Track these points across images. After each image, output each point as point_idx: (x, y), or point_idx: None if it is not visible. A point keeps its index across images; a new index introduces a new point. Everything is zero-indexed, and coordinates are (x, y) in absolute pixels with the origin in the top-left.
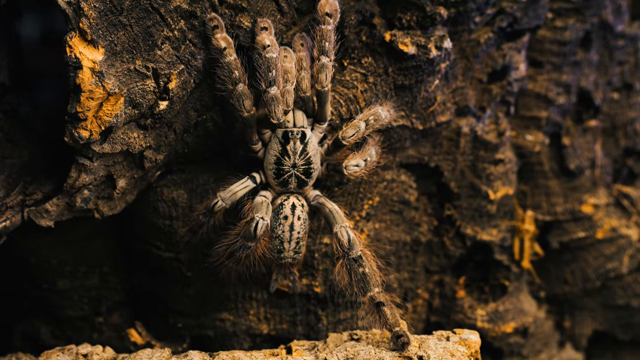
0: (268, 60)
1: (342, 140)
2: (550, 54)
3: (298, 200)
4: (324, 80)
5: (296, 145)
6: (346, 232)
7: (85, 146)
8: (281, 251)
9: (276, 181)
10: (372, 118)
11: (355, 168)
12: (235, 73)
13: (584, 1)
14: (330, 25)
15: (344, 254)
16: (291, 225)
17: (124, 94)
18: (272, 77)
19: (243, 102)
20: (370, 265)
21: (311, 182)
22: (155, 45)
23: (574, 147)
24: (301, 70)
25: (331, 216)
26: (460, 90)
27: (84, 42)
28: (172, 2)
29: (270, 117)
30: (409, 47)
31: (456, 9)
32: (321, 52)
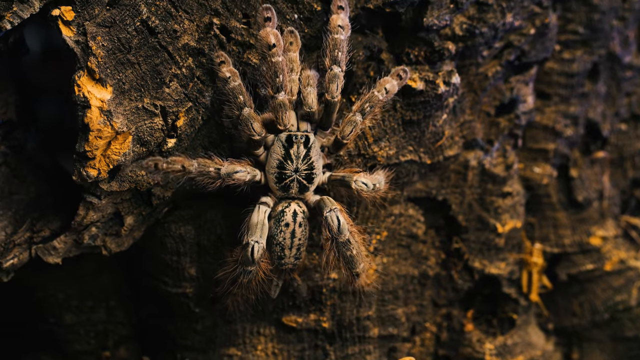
0: (275, 65)
1: (342, 140)
2: (558, 86)
3: (299, 207)
4: (335, 90)
5: (300, 149)
6: (336, 216)
7: (93, 184)
8: (282, 257)
9: (278, 185)
10: (367, 105)
11: (364, 186)
12: (240, 98)
13: (591, 33)
14: (342, 35)
15: (333, 238)
16: (292, 232)
17: (132, 132)
18: (279, 82)
19: (252, 125)
20: (358, 246)
21: (312, 187)
22: (164, 83)
23: (582, 179)
24: (308, 86)
25: (321, 202)
26: (468, 124)
27: (92, 80)
28: (180, 39)
29: (277, 124)
30: (417, 82)
31: (464, 43)
32: (333, 61)
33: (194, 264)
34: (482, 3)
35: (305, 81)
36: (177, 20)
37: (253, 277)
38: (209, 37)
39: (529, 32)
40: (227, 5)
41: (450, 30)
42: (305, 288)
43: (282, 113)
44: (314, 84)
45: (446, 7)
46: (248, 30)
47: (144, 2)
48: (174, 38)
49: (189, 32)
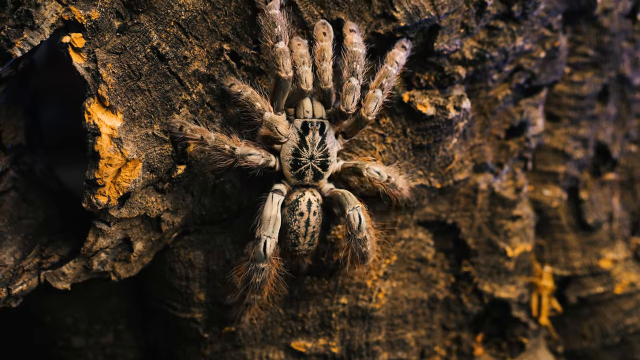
0: (272, 17)
1: (367, 117)
2: (568, 108)
3: (313, 196)
4: (350, 102)
5: (315, 136)
6: (358, 215)
7: (103, 211)
8: (296, 245)
9: (292, 173)
10: (385, 81)
11: (376, 175)
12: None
13: (601, 55)
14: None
15: (351, 235)
16: (307, 221)
17: (142, 159)
18: (278, 32)
19: (277, 128)
20: (372, 243)
21: (327, 175)
22: (174, 109)
23: (592, 201)
24: (323, 60)
25: (343, 198)
26: (478, 147)
27: (103, 108)
28: (191, 66)
29: (278, 71)
30: (428, 108)
31: (474, 67)
32: (351, 73)
33: (203, 289)
34: (492, 27)
35: (319, 55)
36: (188, 47)
37: (266, 276)
38: (219, 63)
39: (539, 55)
40: (237, 31)
41: (461, 54)
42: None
43: (282, 60)
44: (329, 57)
45: (456, 32)
46: (258, 55)
47: (154, 29)
48: (184, 64)
49: (199, 58)
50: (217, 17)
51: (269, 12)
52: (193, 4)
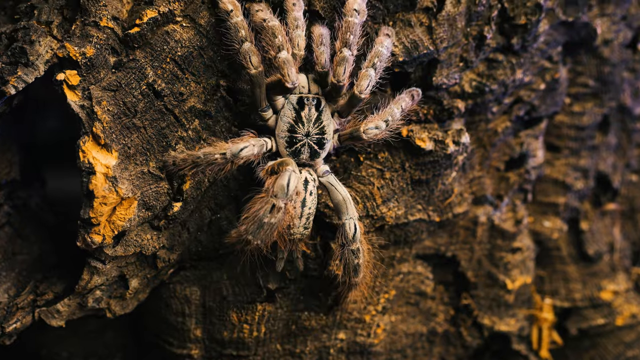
0: (272, 28)
1: (359, 94)
2: (568, 139)
3: (310, 175)
4: (341, 74)
5: (311, 112)
6: (354, 225)
7: (98, 249)
8: (290, 227)
9: (288, 150)
10: (377, 60)
11: (375, 131)
12: (242, 32)
13: (602, 85)
14: (356, 19)
15: (345, 244)
16: (303, 201)
17: (138, 197)
18: (279, 42)
19: (250, 58)
20: (364, 255)
21: (323, 154)
22: (170, 146)
23: (593, 232)
24: (321, 45)
25: (343, 205)
26: (478, 180)
27: (97, 146)
28: (187, 102)
29: (285, 81)
30: (427, 142)
31: (474, 100)
32: (344, 44)
33: (199, 325)
34: (492, 60)
35: (317, 40)
36: (184, 83)
37: (281, 219)
38: (216, 98)
39: (539, 87)
40: (234, 67)
41: (460, 88)
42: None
43: (287, 69)
44: (327, 43)
45: (455, 66)
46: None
47: (150, 65)
48: (180, 101)
49: (196, 94)
50: (213, 52)
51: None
52: (189, 39)
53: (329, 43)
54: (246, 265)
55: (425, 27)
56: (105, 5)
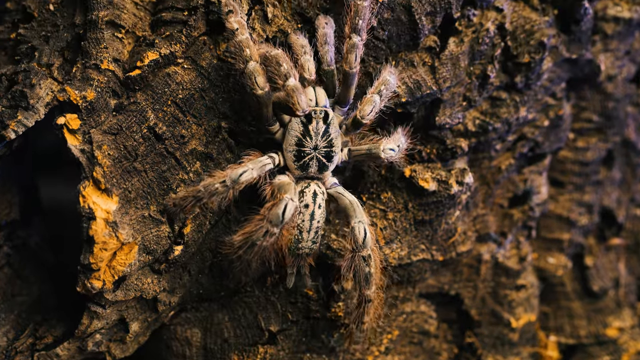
0: (276, 57)
1: (361, 119)
2: (572, 175)
3: (319, 188)
4: (353, 61)
5: (319, 125)
6: (364, 229)
7: (98, 294)
8: (299, 241)
9: (296, 164)
10: (383, 87)
11: (392, 152)
12: (247, 51)
13: (606, 120)
14: (366, 1)
15: (355, 250)
16: (312, 214)
17: (138, 242)
18: (284, 70)
19: (256, 79)
20: (375, 264)
21: (332, 166)
22: (171, 189)
23: (597, 268)
24: (325, 44)
25: (351, 209)
26: (481, 218)
27: (98, 190)
28: (188, 145)
29: (295, 110)
30: (430, 183)
31: (477, 139)
32: (353, 29)
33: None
34: (495, 98)
35: (321, 39)
36: (185, 125)
37: (274, 242)
38: (217, 140)
39: (542, 124)
40: (236, 108)
41: (463, 126)
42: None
43: (296, 97)
44: (331, 42)
45: (459, 105)
46: (257, 132)
47: (151, 108)
48: (181, 144)
49: (197, 136)
50: (215, 94)
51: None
52: (191, 81)
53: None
54: (248, 306)
55: (428, 66)
56: (107, 47)
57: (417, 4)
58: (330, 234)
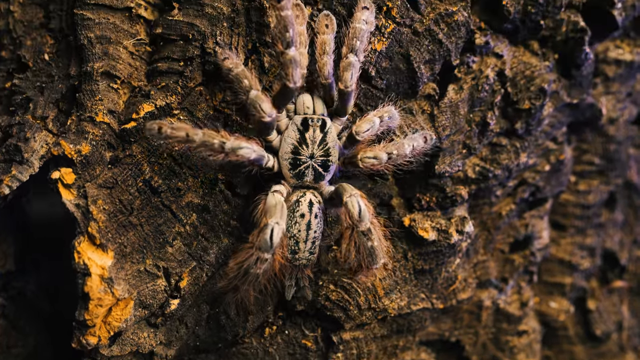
0: (284, 19)
1: (355, 135)
2: (574, 218)
3: (315, 197)
4: (349, 79)
5: (315, 133)
6: (357, 201)
7: (94, 350)
8: (296, 252)
9: (292, 172)
10: (387, 115)
11: (373, 160)
12: (245, 82)
13: (607, 163)
14: (364, 25)
15: (353, 226)
16: (308, 223)
17: (134, 297)
18: (289, 37)
19: (260, 106)
20: (379, 237)
21: (328, 176)
22: (167, 242)
23: (600, 311)
24: (324, 54)
25: (341, 189)
26: (482, 264)
27: (93, 246)
28: (184, 197)
29: (287, 81)
30: (429, 233)
31: (477, 185)
32: (350, 49)
33: None
34: (495, 144)
35: (320, 48)
36: (181, 178)
37: (268, 268)
38: (214, 192)
39: (543, 168)
40: None
41: (463, 173)
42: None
43: (292, 69)
44: (330, 50)
45: (458, 153)
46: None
47: (146, 161)
48: (177, 196)
49: (193, 189)
50: None
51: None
52: None
53: (333, 50)
54: (246, 358)
55: (428, 114)
56: (102, 99)
57: (415, 53)
58: (328, 285)
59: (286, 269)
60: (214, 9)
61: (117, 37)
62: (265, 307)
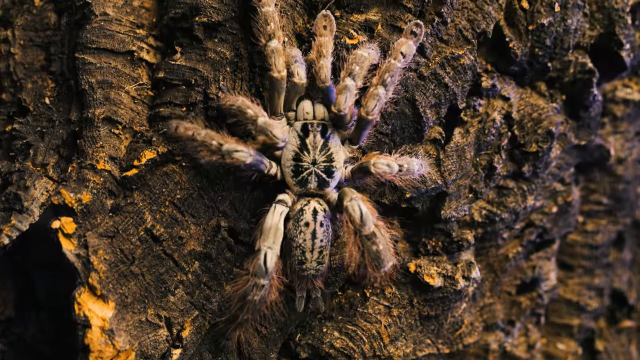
0: (265, 14)
1: (366, 116)
2: (582, 258)
3: (320, 205)
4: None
5: (316, 138)
6: (358, 205)
7: None
8: (303, 262)
9: (294, 180)
10: (387, 76)
11: (385, 168)
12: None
13: (615, 202)
14: (365, 52)
15: (357, 230)
16: (313, 232)
17: (135, 348)
18: (270, 30)
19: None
20: (385, 241)
21: (333, 182)
22: (169, 291)
23: (608, 352)
24: (321, 57)
25: (342, 194)
26: (488, 307)
27: (94, 297)
28: (186, 246)
29: (270, 71)
30: (435, 279)
31: (484, 229)
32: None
33: None
34: (502, 187)
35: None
36: (183, 226)
37: (265, 295)
38: (217, 240)
39: (551, 210)
40: (236, 206)
41: (469, 217)
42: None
43: (274, 59)
44: (327, 54)
45: (465, 197)
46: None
47: (148, 209)
48: (179, 245)
49: (196, 237)
50: (214, 192)
51: (262, 10)
52: (189, 180)
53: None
54: None
55: (434, 159)
56: (103, 145)
57: (421, 97)
58: (333, 332)
59: (296, 281)
60: (217, 54)
61: (118, 81)
62: (269, 354)
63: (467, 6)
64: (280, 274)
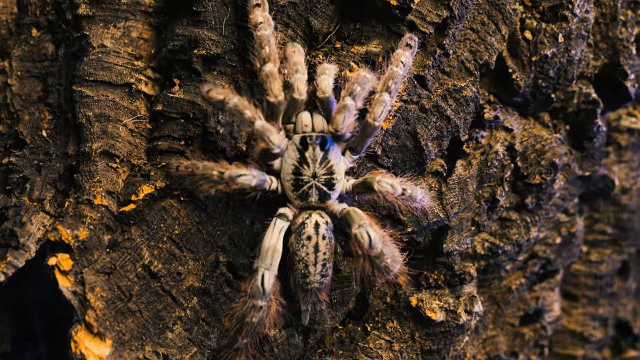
0: (259, 38)
1: (373, 122)
2: (586, 288)
3: (321, 218)
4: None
5: (316, 151)
6: (366, 232)
7: None
8: (306, 275)
9: (295, 194)
10: (392, 83)
11: (388, 187)
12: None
13: (620, 232)
14: (363, 72)
15: (365, 254)
16: (315, 246)
17: None
18: (265, 54)
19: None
20: (392, 254)
21: (334, 194)
22: (167, 327)
23: None
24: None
25: (349, 217)
26: (491, 339)
27: (90, 334)
28: (185, 281)
29: (267, 95)
30: (437, 313)
31: (486, 261)
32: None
33: None
34: (505, 219)
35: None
36: (181, 262)
37: (263, 317)
38: (215, 275)
39: (554, 241)
40: (235, 241)
41: (472, 249)
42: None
43: (270, 83)
44: (330, 73)
45: (467, 230)
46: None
47: (145, 245)
48: (177, 281)
49: (194, 272)
50: (213, 227)
51: (257, 34)
52: (187, 215)
53: None
54: None
55: (435, 192)
56: (100, 180)
57: (423, 130)
58: None
59: (300, 294)
60: None
61: (116, 114)
62: None
63: (470, 37)
64: (279, 295)
